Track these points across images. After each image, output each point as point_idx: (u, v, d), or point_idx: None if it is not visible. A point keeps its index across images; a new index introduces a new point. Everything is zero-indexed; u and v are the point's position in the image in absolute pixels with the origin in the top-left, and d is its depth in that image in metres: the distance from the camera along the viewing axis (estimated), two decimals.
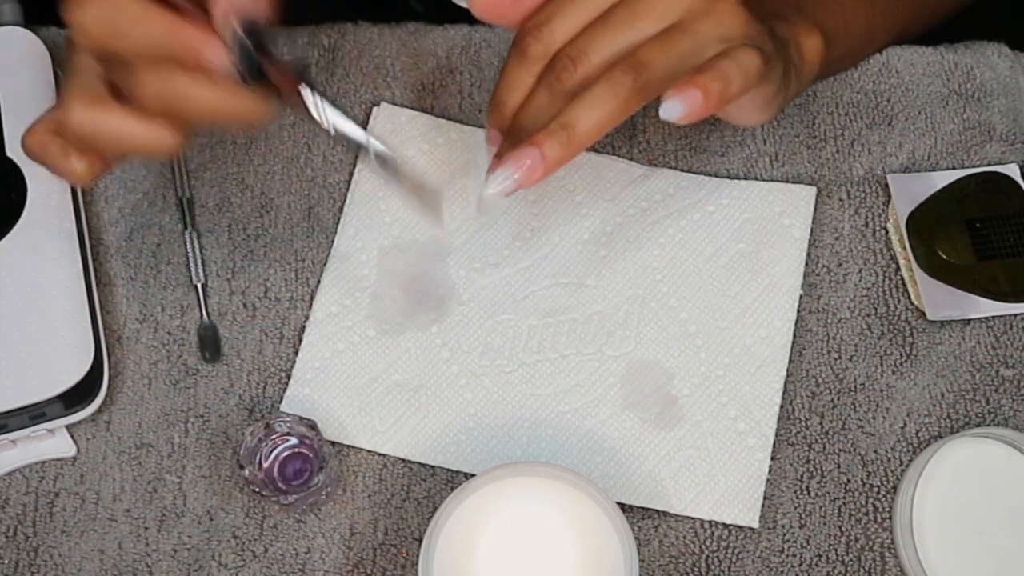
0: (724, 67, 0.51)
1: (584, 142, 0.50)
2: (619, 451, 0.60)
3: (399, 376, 0.61)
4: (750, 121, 0.58)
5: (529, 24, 0.52)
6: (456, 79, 0.68)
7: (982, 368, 0.62)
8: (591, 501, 0.53)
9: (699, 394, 0.61)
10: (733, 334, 0.62)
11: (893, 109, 0.67)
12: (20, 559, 0.58)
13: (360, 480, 0.60)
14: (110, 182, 0.65)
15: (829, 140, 0.67)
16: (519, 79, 0.52)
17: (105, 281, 0.63)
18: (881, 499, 0.60)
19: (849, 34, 0.63)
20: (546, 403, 0.61)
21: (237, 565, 0.58)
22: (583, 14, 0.52)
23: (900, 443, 0.61)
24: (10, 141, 0.60)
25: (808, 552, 0.59)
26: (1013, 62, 0.68)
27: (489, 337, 0.62)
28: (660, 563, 0.59)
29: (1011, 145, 0.66)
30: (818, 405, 0.61)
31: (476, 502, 0.53)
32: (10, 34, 0.64)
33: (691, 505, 0.59)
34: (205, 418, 0.61)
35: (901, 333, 0.63)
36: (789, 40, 0.57)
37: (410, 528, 0.59)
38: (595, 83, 0.50)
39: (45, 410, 0.57)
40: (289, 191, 0.65)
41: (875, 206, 0.65)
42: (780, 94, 0.56)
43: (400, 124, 0.66)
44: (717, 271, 0.63)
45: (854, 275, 0.64)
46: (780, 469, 0.60)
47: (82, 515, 0.59)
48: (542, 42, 0.51)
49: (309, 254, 0.64)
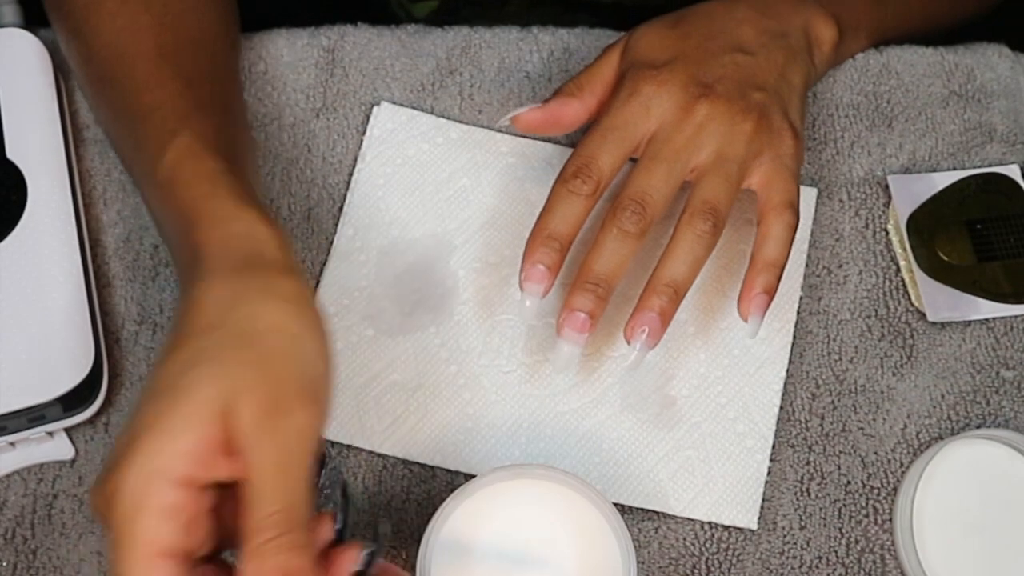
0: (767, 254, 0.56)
1: (686, 292, 0.55)
2: (618, 452, 0.60)
3: (397, 376, 0.61)
4: None
5: (574, 162, 0.56)
6: (456, 79, 0.68)
7: (982, 370, 0.62)
8: (589, 504, 0.53)
9: (698, 395, 0.61)
10: (733, 335, 0.62)
11: (893, 110, 0.67)
12: (18, 561, 0.58)
13: (360, 482, 0.60)
14: (108, 184, 0.65)
15: (829, 142, 0.67)
16: (572, 212, 0.55)
17: (103, 283, 0.63)
18: (881, 501, 0.60)
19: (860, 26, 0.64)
20: (545, 403, 0.61)
21: None
22: (625, 147, 0.56)
23: (900, 445, 0.61)
24: (10, 142, 0.60)
25: (808, 554, 0.59)
26: (1013, 63, 0.68)
27: (488, 337, 0.62)
28: (660, 565, 0.59)
29: (1012, 146, 0.66)
30: (818, 406, 0.61)
31: (474, 505, 0.53)
32: (10, 35, 0.63)
33: (689, 506, 0.59)
34: None
35: (901, 335, 0.63)
36: (804, 28, 0.59)
37: (410, 530, 0.59)
38: (680, 235, 0.55)
39: (44, 412, 0.57)
40: (288, 192, 0.65)
41: (875, 207, 0.65)
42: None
43: (400, 124, 0.66)
44: (717, 271, 0.63)
45: (854, 276, 0.64)
46: (780, 471, 0.60)
47: (80, 517, 0.59)
48: (593, 177, 0.55)
49: (308, 255, 0.64)
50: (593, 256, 0.55)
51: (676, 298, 0.55)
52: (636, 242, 0.55)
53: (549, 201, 0.56)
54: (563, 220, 0.55)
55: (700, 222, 0.55)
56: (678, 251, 0.55)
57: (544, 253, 0.55)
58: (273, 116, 0.66)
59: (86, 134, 0.65)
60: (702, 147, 0.56)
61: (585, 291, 0.55)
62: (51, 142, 0.61)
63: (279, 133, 0.66)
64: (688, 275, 0.55)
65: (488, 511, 0.53)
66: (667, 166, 0.56)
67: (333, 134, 0.66)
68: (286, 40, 0.68)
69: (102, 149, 0.65)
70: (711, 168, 0.56)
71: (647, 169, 0.56)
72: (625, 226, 0.55)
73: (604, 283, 0.55)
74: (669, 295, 0.55)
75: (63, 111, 0.63)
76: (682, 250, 0.55)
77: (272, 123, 0.66)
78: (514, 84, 0.67)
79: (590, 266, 0.55)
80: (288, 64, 0.67)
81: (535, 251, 0.55)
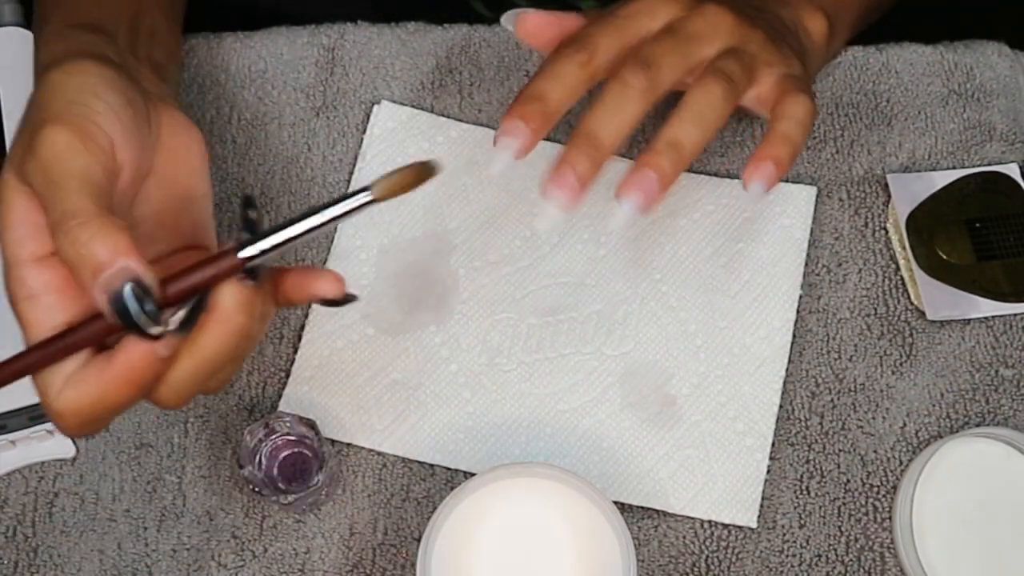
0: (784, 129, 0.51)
1: (691, 158, 0.49)
2: (618, 450, 0.60)
3: (398, 374, 0.61)
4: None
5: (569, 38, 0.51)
6: (456, 79, 0.68)
7: (982, 368, 0.62)
8: (589, 502, 0.53)
9: (698, 394, 0.61)
10: (732, 334, 0.62)
11: (893, 109, 0.67)
12: (19, 559, 0.58)
13: (360, 480, 0.60)
14: None
15: (829, 140, 0.67)
16: (567, 74, 0.50)
17: None
18: (881, 499, 0.60)
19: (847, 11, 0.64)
20: (545, 402, 0.61)
21: (236, 565, 0.58)
22: (624, 35, 0.51)
23: (900, 443, 0.61)
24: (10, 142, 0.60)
25: (808, 552, 0.59)
26: (1013, 62, 0.68)
27: (488, 336, 0.62)
28: (660, 563, 0.59)
29: (1011, 145, 0.66)
30: (818, 405, 0.61)
31: (474, 503, 0.53)
32: (11, 35, 0.64)
33: (689, 505, 0.59)
34: (205, 418, 0.61)
35: (901, 333, 0.63)
36: (796, 24, 0.58)
37: (409, 528, 0.59)
38: (690, 94, 0.50)
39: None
40: (289, 191, 0.65)
41: (875, 206, 0.65)
42: None
43: (400, 122, 0.66)
44: (717, 271, 0.63)
45: (854, 275, 0.64)
46: (780, 469, 0.60)
47: (81, 515, 0.59)
48: (587, 49, 0.50)
49: (309, 253, 0.64)
50: (590, 113, 0.49)
51: (680, 161, 0.49)
52: (640, 101, 0.49)
53: (539, 68, 0.51)
54: (551, 81, 0.50)
55: (712, 83, 0.50)
56: (687, 111, 0.49)
57: (526, 110, 0.49)
58: (273, 115, 0.67)
59: None
60: (714, 40, 0.52)
61: (576, 148, 0.49)
62: None
63: (279, 132, 0.66)
64: (697, 137, 0.49)
65: (488, 509, 0.53)
66: (677, 40, 0.51)
67: (333, 133, 0.66)
68: (286, 39, 0.68)
69: None
70: (723, 55, 0.52)
71: (656, 40, 0.51)
72: (628, 79, 0.49)
73: (598, 142, 0.49)
74: (673, 157, 0.49)
75: None
76: (691, 111, 0.49)
77: (272, 122, 0.66)
78: (514, 83, 0.67)
79: (586, 122, 0.49)
80: (288, 63, 0.68)
81: (515, 107, 0.50)
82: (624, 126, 0.49)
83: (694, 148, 0.49)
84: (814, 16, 0.59)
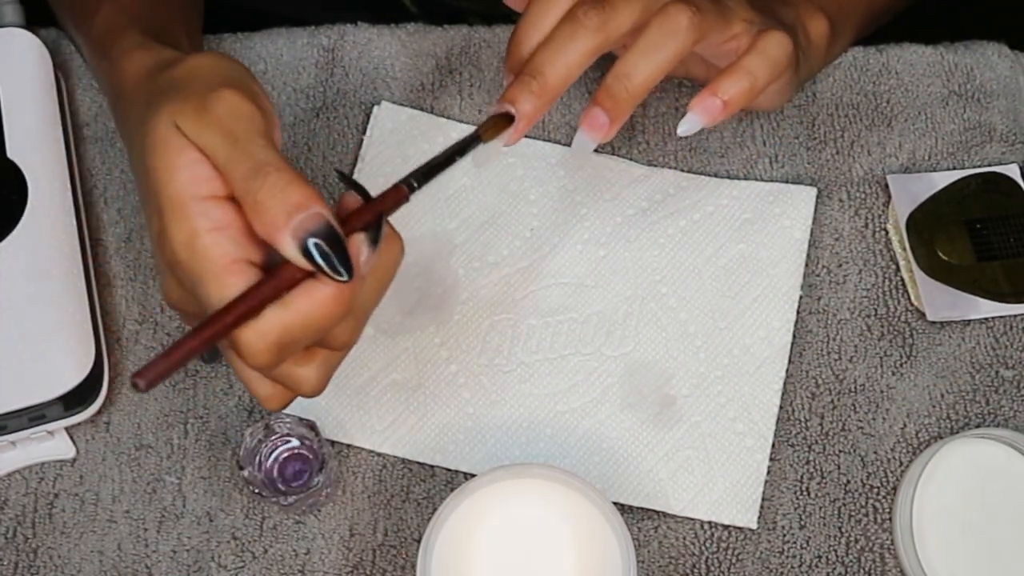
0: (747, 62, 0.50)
1: (645, 90, 0.48)
2: (617, 451, 0.60)
3: (397, 375, 0.61)
4: (764, 106, 0.59)
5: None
6: (455, 79, 0.68)
7: (982, 369, 0.62)
8: (589, 503, 0.53)
9: (698, 394, 0.61)
10: (732, 335, 0.62)
11: (893, 110, 0.67)
12: (19, 560, 0.58)
13: (360, 481, 0.60)
14: (109, 183, 0.65)
15: (829, 141, 0.67)
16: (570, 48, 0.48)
17: (104, 282, 0.63)
18: (881, 500, 0.60)
19: (850, 14, 0.64)
20: (544, 403, 0.61)
21: (236, 566, 0.58)
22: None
23: (900, 444, 0.61)
24: (10, 142, 0.60)
25: (808, 553, 0.59)
26: (1013, 62, 0.68)
27: (488, 336, 0.62)
28: (660, 564, 0.59)
29: (1011, 145, 0.66)
30: (818, 406, 0.61)
31: (474, 504, 0.53)
32: (11, 35, 0.64)
33: (689, 505, 0.59)
34: (204, 419, 0.61)
35: (901, 334, 0.63)
36: (796, 24, 0.58)
37: (409, 529, 0.59)
38: (652, 21, 0.48)
39: (45, 412, 0.57)
40: None
41: (875, 207, 0.65)
42: (794, 78, 0.57)
43: (400, 123, 0.66)
44: (717, 271, 0.63)
45: (854, 276, 0.64)
46: (780, 470, 0.60)
47: (81, 516, 0.59)
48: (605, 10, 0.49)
49: None
50: (538, 49, 0.48)
51: (631, 95, 0.48)
52: (591, 38, 0.48)
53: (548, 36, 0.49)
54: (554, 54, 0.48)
55: (677, 11, 0.48)
56: (643, 40, 0.48)
57: (519, 92, 0.48)
58: None
59: (86, 133, 0.66)
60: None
61: (520, 83, 0.47)
62: (51, 141, 0.61)
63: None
64: (650, 70, 0.48)
65: (488, 510, 0.53)
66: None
67: (333, 134, 0.66)
68: (286, 40, 0.68)
69: (102, 148, 0.65)
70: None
71: None
72: (580, 17, 0.48)
73: (543, 79, 0.47)
74: (622, 93, 0.48)
75: (63, 111, 0.63)
76: (648, 40, 0.48)
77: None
78: None
79: (533, 58, 0.48)
80: (288, 64, 0.68)
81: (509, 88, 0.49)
82: (572, 64, 0.48)
83: (648, 80, 0.48)
84: (815, 17, 0.59)
